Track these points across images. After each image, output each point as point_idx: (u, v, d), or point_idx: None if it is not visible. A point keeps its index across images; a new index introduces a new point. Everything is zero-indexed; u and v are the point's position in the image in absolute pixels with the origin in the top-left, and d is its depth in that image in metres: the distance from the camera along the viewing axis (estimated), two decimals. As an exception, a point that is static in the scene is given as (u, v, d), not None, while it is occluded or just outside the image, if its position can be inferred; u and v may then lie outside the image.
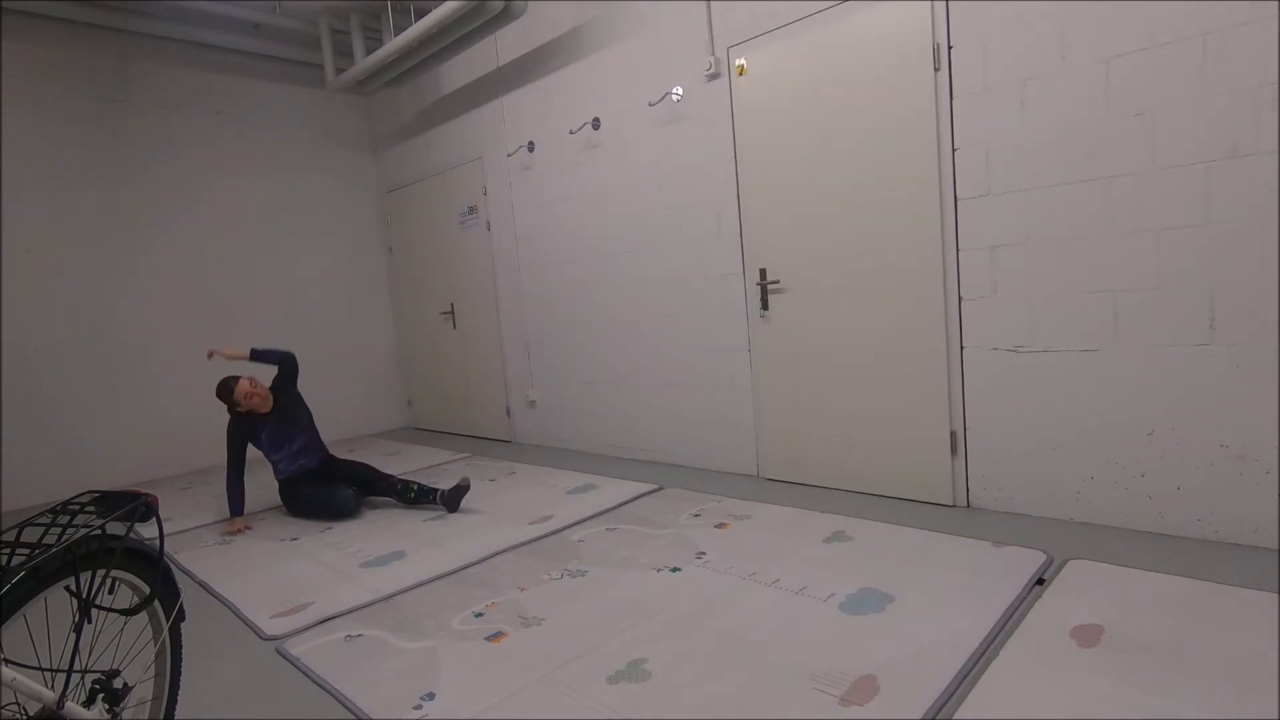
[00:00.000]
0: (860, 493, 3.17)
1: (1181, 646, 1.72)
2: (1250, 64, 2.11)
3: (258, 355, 3.61)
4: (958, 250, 2.76)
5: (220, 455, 5.06)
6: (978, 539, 2.51)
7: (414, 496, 3.47)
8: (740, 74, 3.33)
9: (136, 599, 1.41)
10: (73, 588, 1.21)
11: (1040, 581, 2.14)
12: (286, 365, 3.68)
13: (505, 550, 2.81)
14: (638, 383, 4.12)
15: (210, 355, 3.64)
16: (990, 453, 2.78)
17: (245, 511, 3.49)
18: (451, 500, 3.38)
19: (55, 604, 1.24)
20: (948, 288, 2.80)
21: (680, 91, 3.61)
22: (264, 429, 3.53)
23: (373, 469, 3.63)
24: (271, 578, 2.75)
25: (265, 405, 3.52)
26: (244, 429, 3.49)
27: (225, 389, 3.46)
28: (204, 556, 3.08)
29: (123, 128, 4.71)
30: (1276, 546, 2.21)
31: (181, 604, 1.50)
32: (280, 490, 3.58)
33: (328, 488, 3.47)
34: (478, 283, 5.16)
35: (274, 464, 3.58)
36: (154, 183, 4.84)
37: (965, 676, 1.68)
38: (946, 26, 2.68)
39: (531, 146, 4.49)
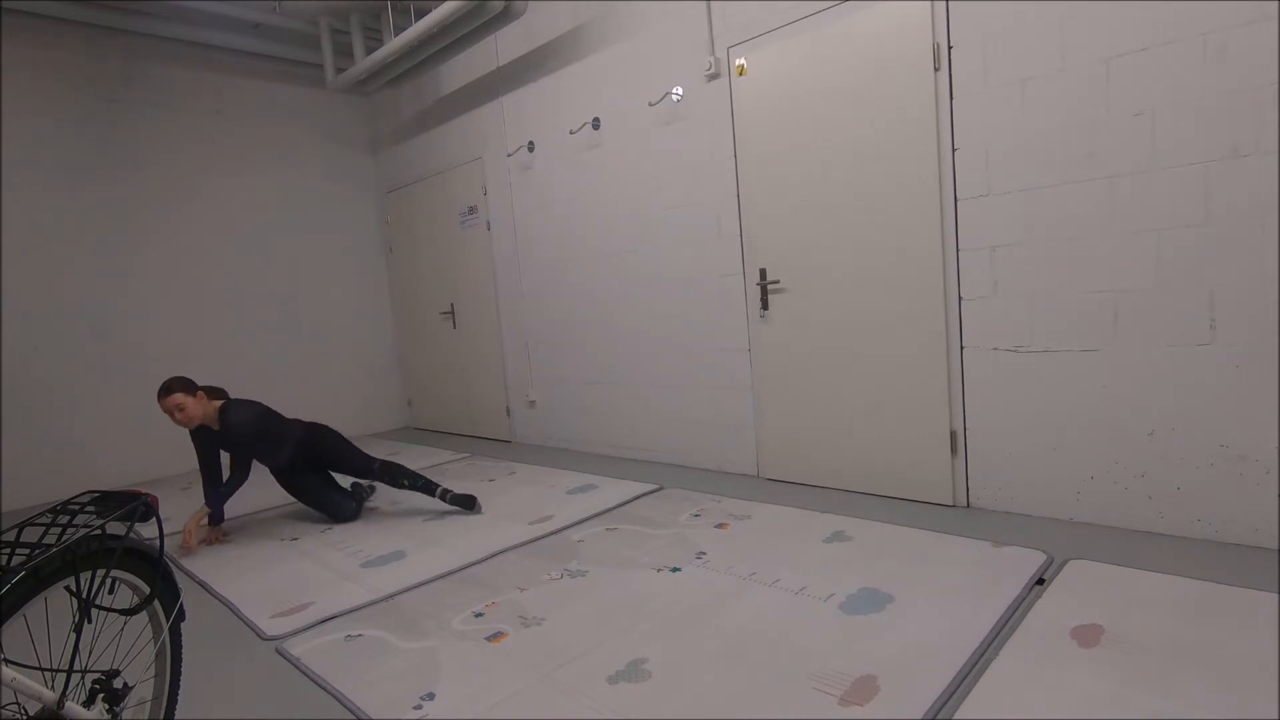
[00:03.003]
0: (860, 493, 3.17)
1: (1181, 646, 1.72)
2: (1250, 64, 2.11)
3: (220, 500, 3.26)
4: (958, 250, 2.76)
5: (223, 454, 5.09)
6: (978, 539, 2.51)
7: (406, 485, 3.33)
8: (740, 74, 3.33)
9: (136, 599, 1.41)
10: (73, 588, 1.21)
11: (1040, 581, 2.14)
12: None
13: (505, 550, 2.81)
14: (638, 383, 4.12)
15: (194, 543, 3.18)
16: (990, 453, 2.78)
17: (249, 510, 3.47)
18: (457, 501, 3.32)
19: (55, 604, 1.24)
20: (948, 288, 2.80)
21: (680, 91, 3.61)
22: (215, 443, 3.27)
23: (355, 463, 3.39)
24: (271, 578, 2.75)
25: (189, 424, 3.13)
26: (199, 439, 3.25)
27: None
28: (204, 556, 3.08)
29: (123, 127, 4.70)
30: (1276, 546, 2.21)
31: (181, 604, 1.50)
32: (274, 476, 3.45)
33: (332, 491, 3.41)
34: (478, 283, 5.16)
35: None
36: (154, 182, 4.83)
37: (965, 676, 1.68)
38: (946, 26, 2.68)
39: (531, 146, 4.49)
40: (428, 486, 3.36)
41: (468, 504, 3.34)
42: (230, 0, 4.57)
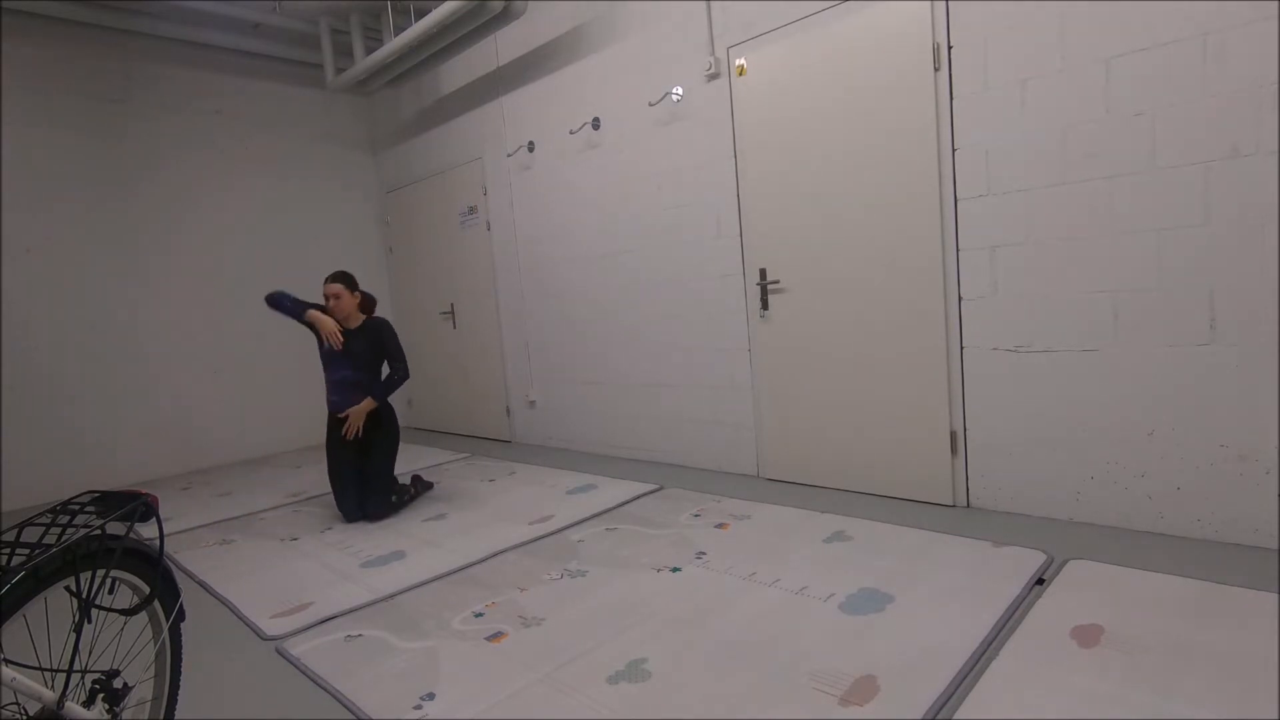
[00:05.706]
0: (860, 493, 3.17)
1: (1181, 646, 1.72)
2: (1250, 64, 2.11)
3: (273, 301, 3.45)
4: (958, 250, 2.76)
5: (224, 454, 5.09)
6: (978, 539, 2.51)
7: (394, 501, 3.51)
8: (740, 74, 3.33)
9: (136, 599, 1.41)
10: (73, 588, 1.21)
11: (1040, 581, 2.14)
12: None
13: (505, 550, 2.81)
14: (638, 383, 4.12)
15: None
16: (990, 453, 2.78)
17: (249, 510, 3.48)
18: (419, 482, 3.67)
19: (55, 604, 1.24)
20: (948, 288, 2.80)
21: (680, 91, 3.61)
22: (324, 342, 3.47)
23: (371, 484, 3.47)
24: (271, 578, 2.75)
25: (341, 312, 3.42)
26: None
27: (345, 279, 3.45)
28: (204, 556, 3.08)
29: (122, 128, 4.70)
30: (1276, 546, 2.21)
31: (181, 604, 1.50)
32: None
33: (352, 485, 3.43)
34: (478, 283, 5.16)
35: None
36: (154, 182, 4.83)
37: (965, 676, 1.68)
38: (946, 26, 2.68)
39: (531, 146, 4.49)
40: (410, 494, 3.63)
41: (423, 484, 3.70)
42: (230, 0, 4.57)
